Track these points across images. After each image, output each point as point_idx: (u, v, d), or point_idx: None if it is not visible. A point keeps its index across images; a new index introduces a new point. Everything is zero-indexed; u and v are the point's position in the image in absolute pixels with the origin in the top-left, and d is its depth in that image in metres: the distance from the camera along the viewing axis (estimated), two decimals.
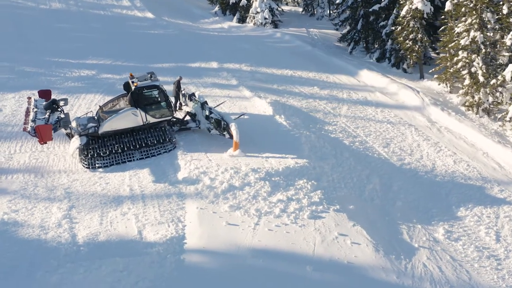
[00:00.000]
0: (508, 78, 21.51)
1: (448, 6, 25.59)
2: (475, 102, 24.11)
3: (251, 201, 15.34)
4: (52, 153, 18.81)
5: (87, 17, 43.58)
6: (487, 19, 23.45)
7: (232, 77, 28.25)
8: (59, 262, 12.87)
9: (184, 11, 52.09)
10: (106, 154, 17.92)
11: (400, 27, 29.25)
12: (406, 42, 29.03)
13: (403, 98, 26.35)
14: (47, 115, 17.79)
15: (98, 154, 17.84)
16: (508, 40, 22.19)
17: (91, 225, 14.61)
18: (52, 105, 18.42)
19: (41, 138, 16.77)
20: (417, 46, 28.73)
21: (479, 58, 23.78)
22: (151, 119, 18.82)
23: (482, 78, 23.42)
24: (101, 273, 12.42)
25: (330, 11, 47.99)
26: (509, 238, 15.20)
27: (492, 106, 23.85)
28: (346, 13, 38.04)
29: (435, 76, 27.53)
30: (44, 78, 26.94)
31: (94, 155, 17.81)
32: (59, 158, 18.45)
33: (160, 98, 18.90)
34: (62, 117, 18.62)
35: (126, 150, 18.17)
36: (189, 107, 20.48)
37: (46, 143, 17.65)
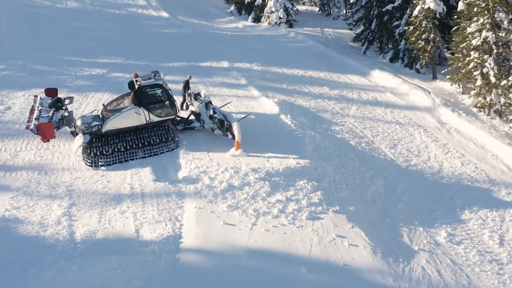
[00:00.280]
0: None
1: (460, 6, 25.20)
2: (487, 103, 23.67)
3: (250, 201, 15.26)
4: (57, 151, 18.95)
5: (103, 16, 43.85)
6: (500, 19, 23.02)
7: (241, 76, 28.18)
8: (54, 259, 12.93)
9: (199, 11, 52.20)
10: (109, 152, 17.97)
11: (412, 27, 28.87)
12: (419, 42, 28.63)
13: (414, 99, 26.00)
14: (51, 113, 17.90)
15: (101, 153, 17.91)
16: None
17: (90, 223, 14.67)
18: (56, 103, 18.51)
19: (43, 136, 16.88)
20: (429, 46, 28.32)
21: (491, 58, 23.34)
22: (155, 118, 18.84)
23: (494, 79, 22.99)
24: (94, 270, 12.43)
25: (346, 11, 47.61)
26: None
27: (504, 108, 23.39)
28: (360, 12, 37.74)
29: (448, 76, 27.09)
30: (54, 76, 27.15)
31: (97, 153, 17.87)
32: (64, 156, 18.57)
33: (163, 97, 18.88)
34: (66, 115, 18.71)
35: (129, 148, 18.21)
36: (194, 107, 20.42)
37: (49, 141, 17.73)
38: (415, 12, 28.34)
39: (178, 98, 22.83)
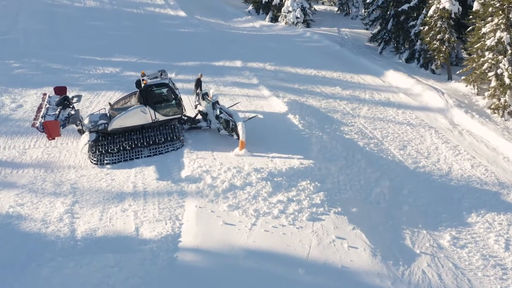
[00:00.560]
0: None
1: (476, 6, 24.81)
2: (501, 104, 23.26)
3: (251, 201, 15.19)
4: (64, 148, 19.13)
5: (120, 15, 44.07)
6: None
7: (253, 76, 28.09)
8: (53, 256, 13.04)
9: (217, 10, 52.22)
10: (115, 151, 18.04)
11: (427, 27, 28.49)
12: (433, 42, 28.24)
13: (427, 100, 25.64)
14: (57, 112, 18.02)
15: (106, 151, 18.00)
16: None
17: (91, 220, 14.77)
18: (63, 101, 18.65)
19: (49, 134, 17.02)
20: (444, 47, 27.91)
21: (506, 59, 22.91)
22: (160, 117, 18.89)
23: (508, 80, 22.58)
24: (91, 268, 12.48)
25: (364, 11, 47.21)
26: None
27: None
28: (376, 12, 37.41)
29: (463, 77, 26.68)
30: (68, 75, 27.39)
31: (103, 152, 17.96)
32: (71, 154, 18.73)
33: (169, 96, 18.90)
34: (72, 113, 18.84)
35: (134, 147, 18.26)
36: (202, 106, 20.41)
37: (54, 139, 17.85)
38: (430, 12, 27.97)
39: (189, 98, 23.00)
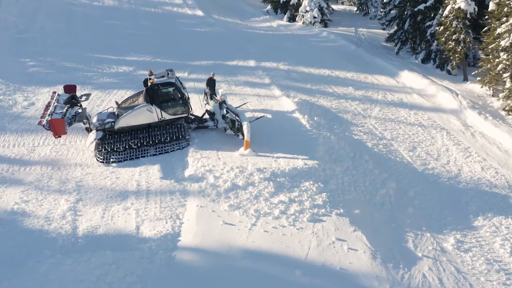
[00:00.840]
0: None
1: (491, 6, 24.44)
2: None
3: (252, 201, 15.12)
4: (73, 146, 19.29)
5: (138, 14, 44.35)
6: None
7: (266, 75, 27.99)
8: (53, 253, 13.14)
9: (235, 9, 52.32)
10: (121, 149, 18.14)
11: (442, 27, 28.11)
12: (449, 42, 27.85)
13: (441, 101, 25.28)
14: (65, 110, 18.16)
15: (112, 149, 18.09)
16: None
17: (93, 218, 14.87)
18: (71, 100, 18.81)
19: (55, 132, 17.17)
20: (459, 47, 27.50)
21: None
22: (167, 116, 18.95)
23: None
24: (89, 265, 12.53)
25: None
26: None
27: None
28: (393, 12, 37.07)
29: (478, 78, 26.26)
30: (81, 73, 27.65)
31: (109, 150, 18.06)
32: (78, 152, 18.88)
33: (175, 95, 18.90)
34: (80, 112, 18.96)
35: (140, 146, 18.33)
36: (209, 106, 20.41)
37: (61, 137, 17.98)
38: (446, 12, 27.62)
39: (199, 97, 23.03)
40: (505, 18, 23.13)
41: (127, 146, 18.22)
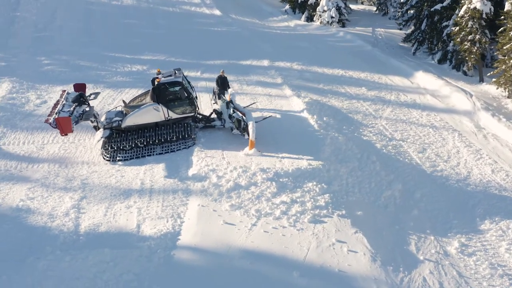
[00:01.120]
0: None
1: (507, 6, 23.97)
2: None
3: (254, 201, 15.05)
4: (81, 144, 19.46)
5: (156, 13, 44.60)
6: None
7: (278, 75, 27.88)
8: (53, 250, 13.27)
9: (254, 9, 52.33)
10: (127, 148, 18.22)
11: (458, 28, 27.71)
12: (464, 43, 27.43)
13: (454, 102, 24.91)
14: (72, 108, 18.30)
15: (118, 148, 18.19)
16: None
17: (96, 216, 14.97)
18: (79, 98, 18.98)
19: (61, 130, 17.32)
20: (475, 48, 27.07)
21: None
22: (173, 115, 19.01)
23: None
24: (87, 262, 12.61)
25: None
26: None
27: None
28: (410, 12, 36.70)
29: (493, 79, 25.81)
30: (94, 72, 27.92)
31: (115, 148, 18.16)
32: (86, 150, 19.05)
33: (181, 94, 18.92)
34: (87, 110, 19.10)
35: (146, 144, 18.41)
36: (217, 105, 20.42)
37: (67, 135, 18.14)
38: (461, 12, 27.20)
39: (210, 96, 23.06)
40: None
41: (134, 145, 18.27)
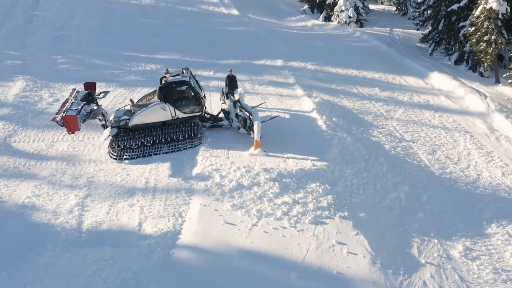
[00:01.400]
0: None
1: None
2: None
3: (256, 201, 15.01)
4: (90, 143, 19.62)
5: (174, 13, 44.71)
6: None
7: (291, 75, 27.73)
8: (54, 247, 13.41)
9: (272, 8, 52.23)
10: (134, 146, 18.32)
11: (474, 28, 27.30)
12: (480, 44, 27.02)
13: (468, 103, 24.50)
14: (80, 107, 18.45)
15: (125, 146, 18.30)
16: None
17: (99, 214, 15.09)
18: (88, 97, 19.12)
19: (68, 128, 17.48)
20: (491, 49, 26.64)
21: None
22: (180, 114, 19.05)
23: None
24: (87, 260, 12.73)
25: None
26: None
27: None
28: (428, 13, 36.30)
29: (509, 81, 25.38)
30: (108, 71, 28.13)
31: (121, 147, 18.28)
32: (95, 148, 19.20)
33: (188, 94, 18.93)
34: (95, 108, 19.23)
35: (153, 143, 18.49)
36: (225, 105, 20.43)
37: (74, 133, 18.29)
38: (477, 12, 26.79)
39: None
40: None
41: (140, 144, 18.36)
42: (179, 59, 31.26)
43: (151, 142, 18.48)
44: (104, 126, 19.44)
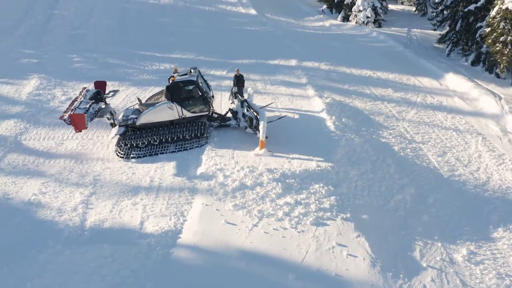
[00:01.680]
0: None
1: None
2: None
3: (258, 201, 14.97)
4: (99, 141, 19.78)
5: (191, 12, 44.84)
6: None
7: (304, 75, 27.58)
8: (55, 244, 13.54)
9: (291, 8, 52.08)
10: (140, 145, 18.41)
11: (489, 29, 26.87)
12: (496, 45, 26.58)
13: (483, 105, 24.10)
14: (88, 105, 18.58)
15: (132, 145, 18.39)
16: None
17: (102, 212, 15.22)
18: (96, 95, 19.25)
19: (75, 126, 17.61)
20: (507, 49, 26.19)
21: None
22: (187, 114, 19.09)
23: None
24: (86, 257, 12.85)
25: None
26: None
27: None
28: (445, 13, 35.83)
29: None
30: (121, 70, 28.31)
31: (128, 146, 18.38)
32: (103, 147, 19.34)
33: (195, 93, 18.94)
34: (103, 107, 19.36)
35: (159, 143, 18.55)
36: (234, 104, 20.42)
37: (81, 131, 18.42)
38: (493, 13, 26.32)
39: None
40: None
41: (147, 143, 18.44)
42: (193, 59, 31.32)
43: (158, 141, 18.52)
44: (112, 125, 19.60)
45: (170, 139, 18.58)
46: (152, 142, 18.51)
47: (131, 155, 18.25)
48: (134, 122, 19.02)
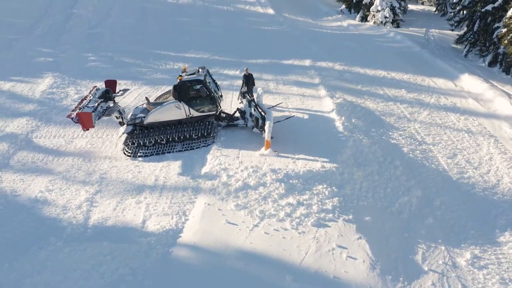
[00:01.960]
0: None
1: None
2: None
3: (260, 202, 14.93)
4: (108, 140, 19.96)
5: (210, 11, 44.99)
6: None
7: (317, 75, 27.44)
8: (57, 241, 13.72)
9: (309, 8, 51.96)
10: (147, 144, 18.50)
11: (506, 29, 26.43)
12: None
13: (497, 106, 23.69)
14: (96, 104, 18.73)
15: (139, 144, 18.50)
16: None
17: (106, 210, 15.34)
18: (105, 94, 19.40)
19: (83, 125, 17.75)
20: None
21: None
22: (195, 113, 19.14)
23: None
24: (85, 255, 12.99)
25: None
26: None
27: None
28: (463, 13, 35.37)
29: None
30: (135, 69, 28.50)
31: (136, 144, 18.49)
32: (112, 145, 19.45)
33: (202, 93, 18.95)
34: (111, 106, 19.49)
35: (166, 142, 18.63)
36: (242, 104, 20.40)
37: (88, 130, 18.56)
38: (509, 13, 25.88)
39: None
40: None
41: (154, 142, 18.53)
42: (208, 58, 31.43)
43: (165, 140, 18.60)
44: (121, 124, 19.76)
45: (177, 138, 18.66)
46: (159, 141, 18.59)
47: (138, 154, 18.35)
48: (142, 121, 19.15)
